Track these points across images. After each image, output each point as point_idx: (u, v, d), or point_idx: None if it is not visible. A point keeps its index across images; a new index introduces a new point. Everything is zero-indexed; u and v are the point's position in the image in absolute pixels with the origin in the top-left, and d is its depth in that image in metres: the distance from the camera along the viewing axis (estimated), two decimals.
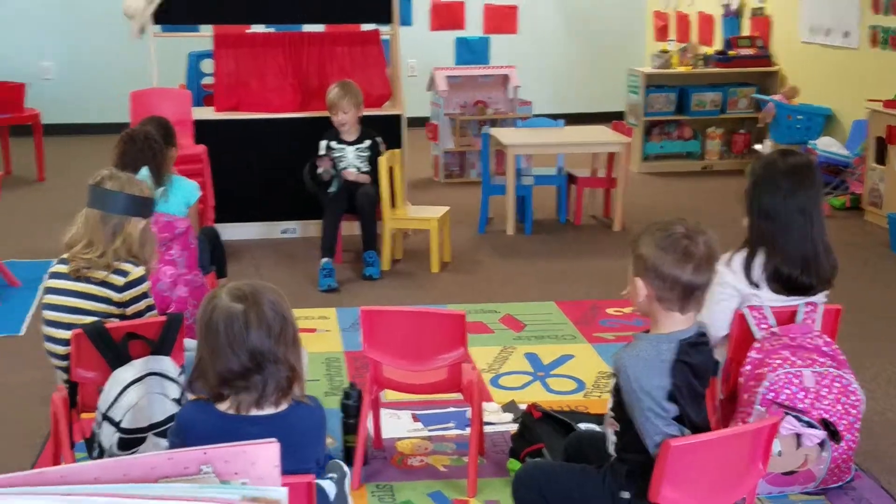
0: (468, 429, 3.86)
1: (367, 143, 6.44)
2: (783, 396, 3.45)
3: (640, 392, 2.66)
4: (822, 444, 3.51)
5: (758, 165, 3.74)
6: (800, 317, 3.60)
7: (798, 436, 3.46)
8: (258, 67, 7.17)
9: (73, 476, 1.87)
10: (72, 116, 11.07)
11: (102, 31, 10.78)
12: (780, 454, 3.47)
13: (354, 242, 6.55)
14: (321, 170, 6.25)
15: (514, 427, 3.99)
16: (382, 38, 7.39)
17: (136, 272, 3.46)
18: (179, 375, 3.32)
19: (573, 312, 5.58)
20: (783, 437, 3.43)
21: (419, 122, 9.37)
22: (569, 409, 4.17)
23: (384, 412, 4.11)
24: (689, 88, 9.43)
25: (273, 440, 2.01)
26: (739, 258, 3.64)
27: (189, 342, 3.54)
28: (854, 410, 3.54)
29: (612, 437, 2.85)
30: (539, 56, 11.66)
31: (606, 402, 2.86)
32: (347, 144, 6.43)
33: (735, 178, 8.74)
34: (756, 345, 3.57)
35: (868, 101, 7.48)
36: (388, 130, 6.82)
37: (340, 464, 2.76)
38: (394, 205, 6.42)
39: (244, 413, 2.46)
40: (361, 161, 6.42)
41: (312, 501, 2.35)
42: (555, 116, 8.28)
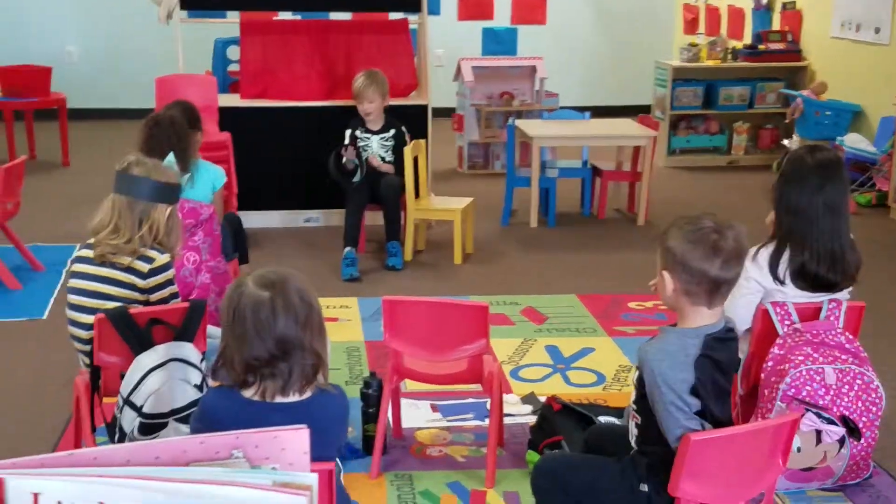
0: (487, 420, 3.87)
1: (392, 133, 6.43)
2: (804, 393, 3.44)
3: (663, 385, 2.66)
4: (842, 441, 3.50)
5: (785, 161, 3.73)
6: (823, 314, 3.59)
7: (818, 432, 3.45)
8: (285, 55, 7.15)
9: (105, 458, 1.88)
10: (97, 101, 11.13)
11: (129, 16, 10.82)
12: (800, 450, 3.47)
13: (377, 232, 6.55)
14: (345, 158, 6.25)
15: (533, 419, 3.99)
16: (410, 28, 7.38)
17: (162, 259, 3.46)
18: (201, 362, 3.34)
19: (595, 306, 5.57)
20: (803, 434, 3.42)
21: (445, 113, 9.36)
22: (588, 402, 4.15)
23: (404, 402, 4.12)
24: (717, 83, 9.39)
25: (303, 426, 2.02)
26: (765, 253, 3.62)
27: (212, 329, 3.55)
28: (875, 408, 3.53)
29: (634, 430, 2.85)
30: (567, 48, 11.62)
31: (626, 396, 2.86)
32: (373, 133, 6.43)
33: (761, 174, 8.72)
34: (778, 341, 3.56)
35: None
36: (414, 120, 6.81)
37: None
38: (417, 195, 6.42)
39: (269, 400, 2.47)
40: (386, 151, 6.41)
41: (333, 489, 2.35)
42: (581, 109, 8.26)
